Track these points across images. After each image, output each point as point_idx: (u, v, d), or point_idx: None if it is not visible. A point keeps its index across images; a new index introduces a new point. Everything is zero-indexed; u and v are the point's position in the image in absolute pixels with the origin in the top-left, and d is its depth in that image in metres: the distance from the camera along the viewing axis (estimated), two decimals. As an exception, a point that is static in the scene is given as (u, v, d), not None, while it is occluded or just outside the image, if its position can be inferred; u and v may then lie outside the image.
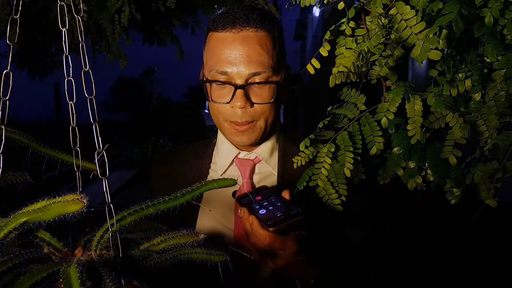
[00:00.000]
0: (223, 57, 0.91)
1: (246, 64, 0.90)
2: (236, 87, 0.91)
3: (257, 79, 0.92)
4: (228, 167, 1.04)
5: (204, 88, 0.98)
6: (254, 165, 1.03)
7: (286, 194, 0.85)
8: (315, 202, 0.79)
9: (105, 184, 0.58)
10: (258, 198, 0.86)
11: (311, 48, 15.80)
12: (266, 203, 0.84)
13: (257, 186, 1.01)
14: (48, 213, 0.52)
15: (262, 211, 0.82)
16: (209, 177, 1.06)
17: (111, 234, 0.56)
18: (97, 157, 0.59)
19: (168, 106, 20.66)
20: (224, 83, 0.92)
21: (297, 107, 17.74)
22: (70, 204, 0.52)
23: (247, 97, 0.92)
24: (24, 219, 0.52)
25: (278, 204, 0.83)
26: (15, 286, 0.47)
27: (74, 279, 0.47)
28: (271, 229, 0.77)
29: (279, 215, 0.80)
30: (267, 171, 1.04)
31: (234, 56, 0.90)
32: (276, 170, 1.03)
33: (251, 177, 1.02)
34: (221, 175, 1.04)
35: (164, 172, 1.13)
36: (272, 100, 0.93)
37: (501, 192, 0.68)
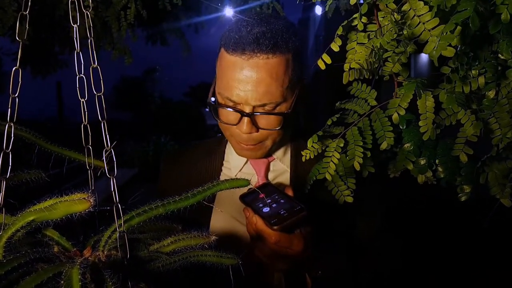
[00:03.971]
0: (231, 83, 0.88)
1: (254, 95, 0.87)
2: (243, 114, 0.89)
3: (265, 108, 0.89)
4: (243, 165, 1.04)
5: (212, 107, 0.96)
6: (269, 163, 1.03)
7: (289, 191, 0.84)
8: (326, 195, 0.79)
9: (113, 183, 0.57)
10: (261, 196, 0.83)
11: (313, 47, 15.78)
12: (269, 200, 0.82)
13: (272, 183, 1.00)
14: (55, 212, 0.51)
15: (266, 209, 0.80)
16: (223, 175, 1.05)
17: (119, 234, 0.55)
18: (105, 154, 0.58)
19: (170, 105, 20.63)
20: (232, 108, 0.91)
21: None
22: (77, 203, 0.51)
23: (253, 123, 0.90)
24: (31, 218, 0.51)
25: (282, 201, 0.82)
26: (20, 286, 0.46)
27: (75, 282, 0.46)
28: (275, 227, 0.75)
29: (282, 212, 0.78)
30: (281, 169, 1.03)
31: (242, 86, 0.87)
32: (290, 167, 1.02)
33: (266, 175, 1.02)
34: (236, 174, 1.03)
35: (175, 171, 1.11)
36: (279, 128, 0.91)
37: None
